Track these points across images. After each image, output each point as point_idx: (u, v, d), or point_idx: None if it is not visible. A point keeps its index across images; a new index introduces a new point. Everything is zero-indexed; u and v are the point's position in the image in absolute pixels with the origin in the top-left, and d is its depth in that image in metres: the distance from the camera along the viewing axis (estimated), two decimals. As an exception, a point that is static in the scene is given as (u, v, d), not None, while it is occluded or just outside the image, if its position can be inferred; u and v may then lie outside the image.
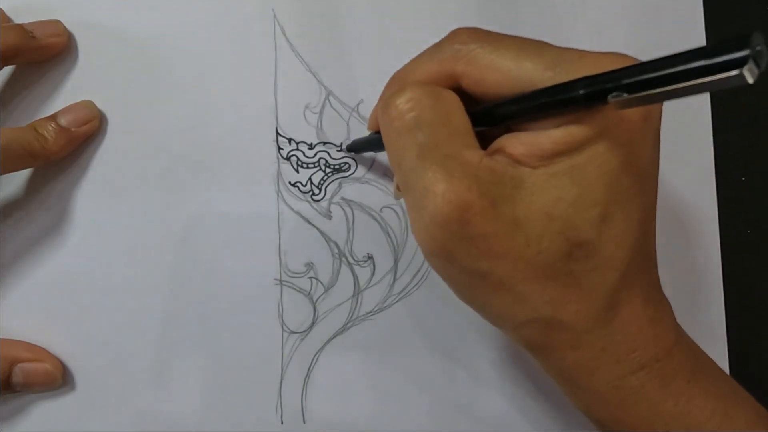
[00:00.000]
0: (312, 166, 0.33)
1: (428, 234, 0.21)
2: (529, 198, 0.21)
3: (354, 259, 0.32)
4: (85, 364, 0.32)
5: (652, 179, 0.23)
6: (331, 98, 0.33)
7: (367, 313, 0.32)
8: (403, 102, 0.22)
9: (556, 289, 0.22)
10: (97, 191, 0.32)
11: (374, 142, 0.29)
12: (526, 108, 0.21)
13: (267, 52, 0.33)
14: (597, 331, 0.22)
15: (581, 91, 0.19)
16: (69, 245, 0.32)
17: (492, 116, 0.22)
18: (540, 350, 0.24)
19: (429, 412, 0.32)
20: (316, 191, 0.33)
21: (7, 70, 0.32)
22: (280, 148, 0.33)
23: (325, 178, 0.33)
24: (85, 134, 0.31)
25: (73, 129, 0.31)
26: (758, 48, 0.14)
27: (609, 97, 0.18)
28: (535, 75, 0.21)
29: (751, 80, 0.14)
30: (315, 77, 0.33)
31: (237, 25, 0.33)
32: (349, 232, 0.33)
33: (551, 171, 0.21)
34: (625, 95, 0.17)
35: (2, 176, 0.31)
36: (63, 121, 0.31)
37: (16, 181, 0.32)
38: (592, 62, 0.20)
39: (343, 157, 0.33)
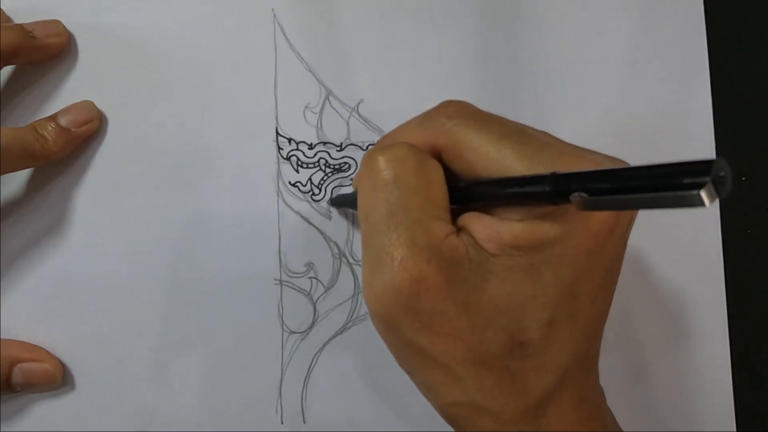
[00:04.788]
0: (312, 166, 0.33)
1: (376, 296, 0.21)
2: (483, 285, 0.21)
3: (354, 259, 0.32)
4: (85, 364, 0.32)
5: (610, 286, 0.23)
6: (330, 98, 0.33)
7: (367, 313, 0.32)
8: (387, 158, 0.22)
9: (490, 378, 0.21)
10: (97, 191, 0.32)
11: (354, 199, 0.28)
12: (494, 193, 0.21)
13: (267, 52, 0.33)
14: (522, 425, 0.22)
15: (547, 187, 0.18)
16: (69, 245, 0.32)
17: (464, 194, 0.22)
18: (459, 428, 0.23)
19: (429, 412, 0.32)
20: (316, 191, 0.33)
21: (7, 70, 0.32)
22: (280, 148, 0.33)
23: (325, 178, 0.33)
24: (84, 134, 0.31)
25: (73, 129, 0.31)
26: (721, 174, 0.14)
27: (570, 196, 0.18)
28: (512, 163, 0.21)
29: (707, 203, 0.14)
30: (315, 77, 0.33)
31: (237, 25, 0.33)
32: (349, 232, 0.33)
33: (508, 263, 0.20)
34: (585, 196, 0.17)
35: (2, 176, 0.31)
36: (63, 121, 0.31)
37: (16, 181, 0.32)
38: (569, 160, 0.20)
39: (342, 157, 0.33)
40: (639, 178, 0.16)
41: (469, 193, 0.22)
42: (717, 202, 0.33)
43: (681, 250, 0.33)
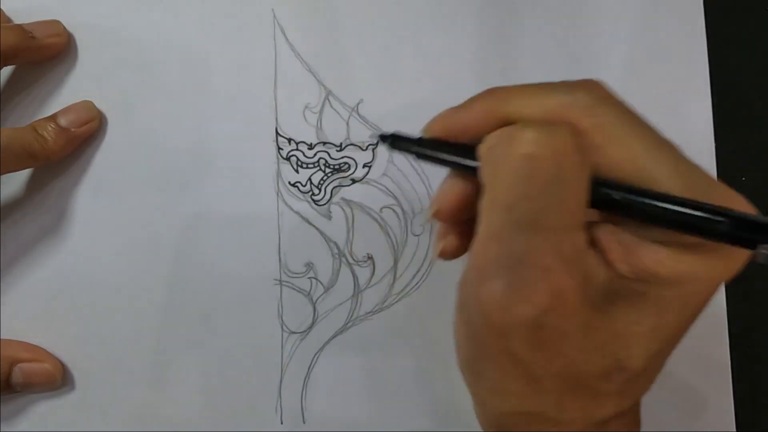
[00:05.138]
0: (312, 166, 0.33)
1: (497, 300, 0.18)
2: (608, 308, 0.19)
3: (354, 259, 0.32)
4: (85, 364, 0.32)
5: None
6: (330, 98, 0.33)
7: (367, 313, 0.32)
8: (551, 146, 0.18)
9: (573, 395, 0.20)
10: (97, 191, 0.32)
11: (448, 159, 0.23)
12: (647, 208, 0.18)
13: (267, 53, 0.33)
14: None
15: (726, 227, 0.17)
16: (69, 245, 0.32)
17: (604, 199, 0.19)
18: None
19: (429, 412, 0.32)
20: (316, 191, 0.33)
21: (7, 70, 0.32)
22: (279, 148, 0.33)
23: (325, 178, 0.33)
24: (84, 134, 0.31)
25: (72, 129, 0.31)
26: None
27: (759, 247, 0.16)
28: (665, 177, 0.18)
29: None
30: (315, 77, 0.33)
31: (237, 25, 0.33)
32: (349, 232, 0.33)
33: (639, 289, 0.19)
34: None
35: (2, 176, 0.31)
36: (63, 121, 0.31)
37: (16, 181, 0.32)
38: (724, 194, 0.18)
39: (342, 157, 0.33)
40: None
41: (614, 203, 0.19)
42: None
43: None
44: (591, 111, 0.19)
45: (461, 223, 0.24)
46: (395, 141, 0.24)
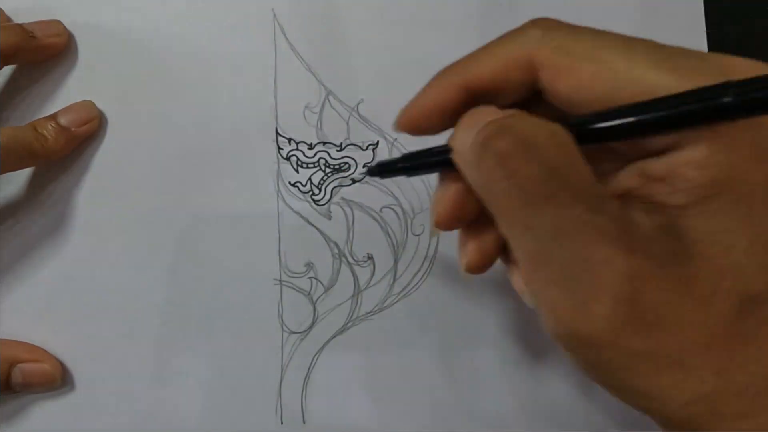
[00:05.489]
0: (312, 166, 0.33)
1: (583, 314, 0.17)
2: (694, 249, 0.17)
3: (354, 259, 0.32)
4: (85, 364, 0.32)
5: None
6: (330, 98, 0.33)
7: (367, 313, 0.32)
8: (520, 145, 0.17)
9: (726, 354, 0.18)
10: (97, 191, 0.32)
11: (432, 162, 0.22)
12: (656, 120, 0.16)
13: (267, 53, 0.33)
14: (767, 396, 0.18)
15: (730, 98, 0.15)
16: (69, 245, 0.32)
17: (604, 131, 0.17)
18: (701, 428, 0.19)
19: (429, 412, 0.32)
20: (316, 191, 0.33)
21: (7, 69, 0.32)
22: (279, 148, 0.33)
23: (325, 178, 0.33)
24: (85, 134, 0.31)
25: (73, 129, 0.31)
26: None
27: None
28: (653, 79, 0.17)
29: None
30: (315, 77, 0.33)
31: (237, 25, 0.33)
32: (349, 232, 0.33)
33: (708, 209, 0.17)
34: None
35: (2, 176, 0.31)
36: (63, 120, 0.31)
37: (16, 181, 0.32)
38: (722, 63, 0.17)
39: (342, 157, 0.33)
40: None
41: (599, 134, 0.17)
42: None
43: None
44: (543, 41, 0.19)
45: (472, 228, 0.23)
46: (382, 170, 0.24)
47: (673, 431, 0.20)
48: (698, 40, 0.34)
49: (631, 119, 0.17)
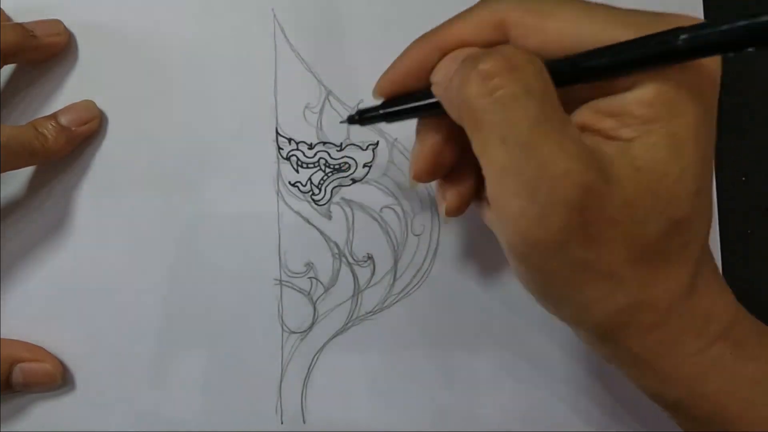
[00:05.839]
0: (312, 166, 0.33)
1: (539, 219, 0.19)
2: (635, 175, 0.19)
3: (354, 259, 0.32)
4: (85, 364, 0.32)
5: (713, 145, 0.21)
6: (330, 98, 0.33)
7: (367, 313, 0.32)
8: (504, 67, 0.19)
9: (649, 269, 0.20)
10: (97, 191, 0.32)
11: (411, 110, 0.24)
12: (616, 62, 0.18)
13: (267, 52, 0.33)
14: (680, 307, 0.21)
15: (681, 41, 0.17)
16: (69, 245, 0.32)
17: (571, 72, 0.20)
18: (619, 338, 0.22)
19: (429, 412, 0.32)
20: (316, 191, 0.33)
21: (8, 69, 0.32)
22: (280, 148, 0.33)
23: (325, 178, 0.33)
24: (85, 134, 0.31)
25: (73, 128, 0.31)
26: None
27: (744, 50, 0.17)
28: (609, 29, 0.19)
29: None
30: (315, 77, 0.33)
31: (237, 25, 0.33)
32: (349, 232, 0.33)
33: (650, 142, 0.19)
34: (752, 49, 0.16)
35: (3, 176, 0.31)
36: (63, 120, 0.31)
37: (17, 180, 0.32)
38: (673, 19, 0.19)
39: (342, 157, 0.33)
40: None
41: (578, 70, 0.20)
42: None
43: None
44: (515, 3, 0.21)
45: (449, 177, 0.25)
46: (362, 116, 0.27)
47: (596, 344, 0.23)
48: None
49: (594, 62, 0.19)
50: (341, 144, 0.33)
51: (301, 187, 0.33)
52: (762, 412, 0.22)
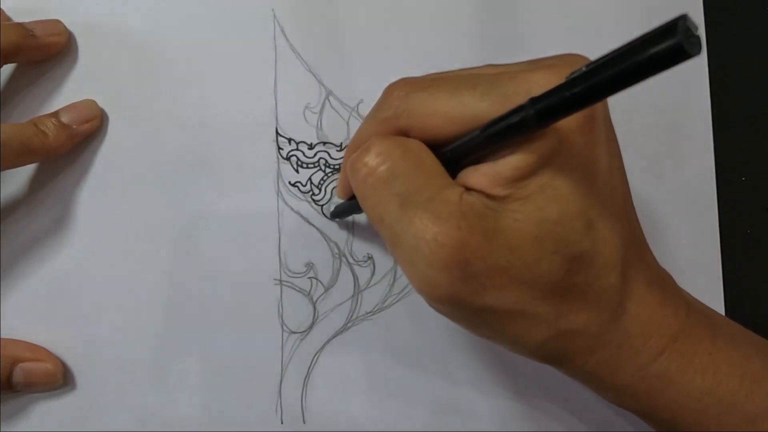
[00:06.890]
0: (312, 166, 0.33)
1: (429, 283, 0.21)
2: (515, 225, 0.21)
3: (354, 259, 0.32)
4: (85, 364, 0.32)
5: (619, 165, 0.23)
6: (330, 98, 0.33)
7: (367, 313, 0.32)
8: (372, 157, 0.22)
9: (564, 303, 0.22)
10: (97, 191, 0.32)
11: (354, 206, 0.28)
12: (478, 143, 0.21)
13: (267, 52, 0.33)
14: (610, 332, 0.23)
15: (531, 112, 0.18)
16: (69, 245, 0.32)
17: (453, 158, 0.22)
18: (560, 362, 0.24)
19: (429, 412, 0.32)
20: (316, 191, 0.33)
21: (8, 68, 0.32)
22: (280, 148, 0.33)
23: (325, 178, 0.33)
24: (85, 132, 0.31)
25: (74, 126, 0.31)
26: (689, 31, 0.14)
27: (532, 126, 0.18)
28: (475, 109, 0.21)
29: (693, 53, 0.14)
30: (315, 77, 0.33)
31: (237, 25, 0.33)
32: (349, 232, 0.33)
33: (523, 195, 0.21)
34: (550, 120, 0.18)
35: (3, 175, 0.31)
36: (64, 118, 0.31)
37: (17, 179, 0.32)
38: (524, 81, 0.20)
39: (343, 157, 0.33)
40: (616, 63, 0.17)
41: (456, 155, 0.22)
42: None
43: (679, 250, 0.33)
44: (398, 113, 0.23)
45: None
46: (335, 214, 0.32)
47: (550, 365, 0.25)
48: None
49: (466, 146, 0.21)
50: (341, 144, 0.33)
51: (301, 187, 0.33)
52: (714, 424, 0.23)
